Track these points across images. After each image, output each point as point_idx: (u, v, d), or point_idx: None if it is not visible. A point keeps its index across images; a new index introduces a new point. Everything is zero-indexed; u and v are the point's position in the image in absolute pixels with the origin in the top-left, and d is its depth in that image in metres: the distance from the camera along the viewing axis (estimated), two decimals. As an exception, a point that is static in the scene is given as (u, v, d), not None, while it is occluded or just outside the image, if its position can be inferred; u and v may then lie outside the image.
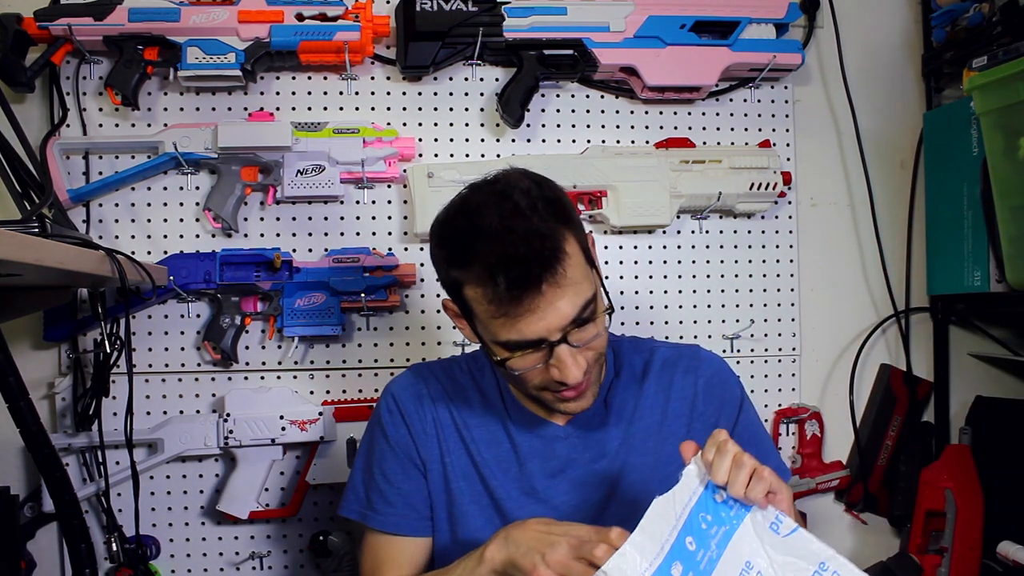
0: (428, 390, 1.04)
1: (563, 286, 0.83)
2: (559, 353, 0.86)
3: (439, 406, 1.03)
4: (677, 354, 1.06)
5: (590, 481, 1.00)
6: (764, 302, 1.56)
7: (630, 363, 1.05)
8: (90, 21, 1.30)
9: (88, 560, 1.08)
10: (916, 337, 1.62)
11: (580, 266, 0.86)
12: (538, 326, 0.84)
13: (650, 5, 1.44)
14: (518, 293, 0.82)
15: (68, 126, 1.37)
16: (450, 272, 0.88)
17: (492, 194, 0.87)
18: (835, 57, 1.59)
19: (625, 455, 1.00)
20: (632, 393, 1.03)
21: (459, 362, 1.09)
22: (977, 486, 1.45)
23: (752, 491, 0.75)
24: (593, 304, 0.87)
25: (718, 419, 1.02)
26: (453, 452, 1.02)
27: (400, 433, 1.02)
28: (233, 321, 1.37)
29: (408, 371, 1.08)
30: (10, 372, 1.00)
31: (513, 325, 0.85)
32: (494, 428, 1.03)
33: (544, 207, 0.85)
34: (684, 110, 1.54)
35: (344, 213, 1.44)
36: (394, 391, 1.05)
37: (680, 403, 1.02)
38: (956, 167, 1.48)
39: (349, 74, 1.43)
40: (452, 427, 1.03)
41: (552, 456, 1.01)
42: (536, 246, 0.82)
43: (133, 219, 1.40)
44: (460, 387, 1.05)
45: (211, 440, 1.36)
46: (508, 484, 1.00)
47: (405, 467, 1.02)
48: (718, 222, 1.55)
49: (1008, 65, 1.26)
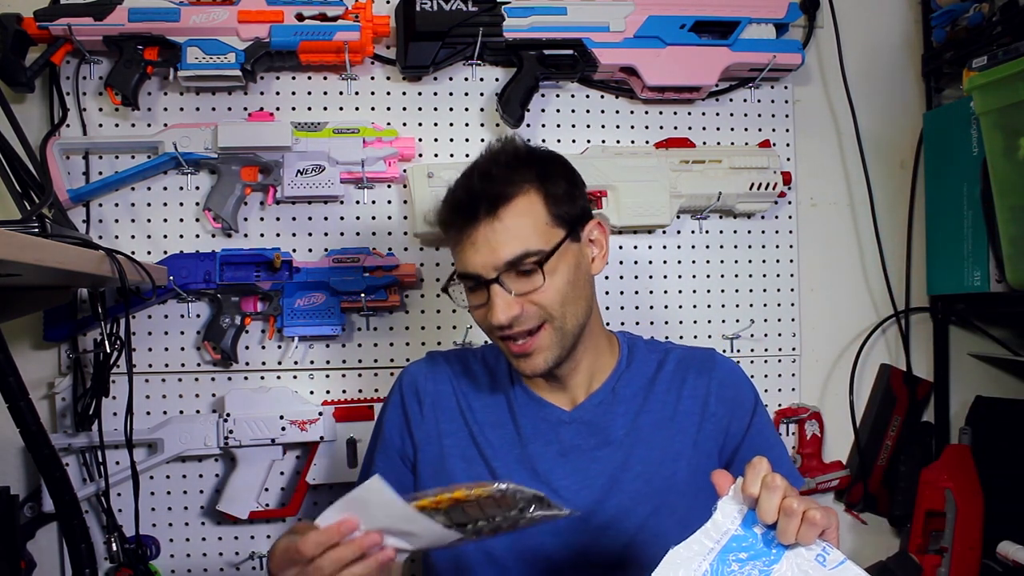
0: (434, 373, 1.09)
1: (498, 228, 0.91)
2: (491, 292, 0.92)
3: (442, 388, 1.07)
4: (691, 356, 1.07)
5: (592, 467, 1.00)
6: (764, 302, 1.56)
7: (643, 359, 1.07)
8: (90, 21, 1.30)
9: (88, 560, 1.08)
10: (916, 337, 1.62)
11: (530, 221, 0.92)
12: (474, 259, 0.92)
13: (650, 5, 1.44)
14: (458, 219, 0.93)
15: (68, 126, 1.37)
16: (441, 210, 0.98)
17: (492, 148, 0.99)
18: (835, 57, 1.59)
19: (631, 444, 1.01)
20: (642, 386, 1.04)
21: (475, 351, 1.13)
22: (977, 486, 1.45)
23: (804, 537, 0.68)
24: (537, 258, 0.91)
25: (730, 421, 1.02)
26: (453, 434, 1.05)
27: (395, 420, 1.08)
28: (233, 321, 1.37)
29: (424, 359, 1.13)
30: (10, 372, 1.00)
31: (458, 253, 0.95)
32: (499, 410, 1.05)
33: (516, 161, 0.95)
34: (684, 110, 1.54)
35: (344, 213, 1.44)
36: (402, 379, 1.10)
37: (692, 401, 1.03)
38: (956, 167, 1.48)
39: (349, 74, 1.43)
40: (455, 409, 1.06)
41: (555, 439, 1.02)
42: (486, 185, 0.92)
43: (133, 219, 1.40)
44: (470, 371, 1.09)
45: (211, 440, 1.36)
46: (510, 466, 1.01)
47: (392, 462, 1.07)
48: (718, 222, 1.54)
49: (1008, 65, 1.26)
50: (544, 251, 0.92)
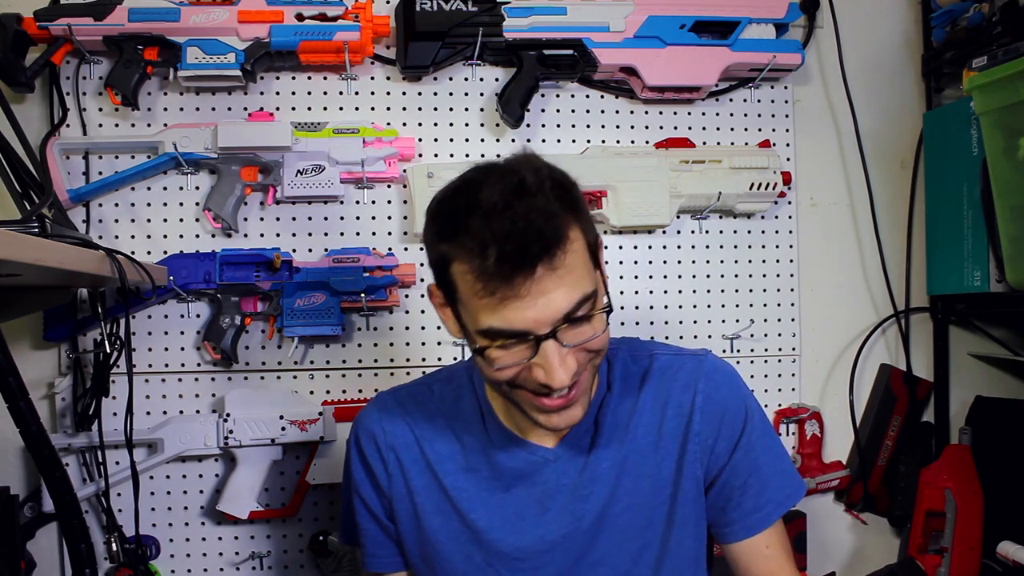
0: (390, 427, 0.97)
1: (560, 274, 0.75)
2: (545, 350, 0.77)
3: (402, 438, 0.97)
4: (679, 364, 0.96)
5: (580, 506, 0.92)
6: (764, 302, 1.56)
7: (625, 374, 0.96)
8: (90, 21, 1.30)
9: (88, 560, 1.08)
10: (916, 337, 1.62)
11: (583, 259, 0.78)
12: (526, 315, 0.75)
13: (650, 5, 1.44)
14: (509, 270, 0.73)
15: (68, 126, 1.37)
16: (439, 246, 0.79)
17: (497, 170, 0.79)
18: (835, 57, 1.59)
19: (617, 476, 0.93)
20: (626, 410, 0.94)
21: (426, 385, 1.01)
22: (977, 486, 1.45)
23: None
24: (592, 301, 0.79)
25: (716, 441, 0.93)
26: (423, 488, 0.95)
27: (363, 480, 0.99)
28: (233, 321, 1.37)
29: (372, 405, 1.01)
30: (10, 372, 1.00)
31: (498, 309, 0.75)
32: (471, 453, 0.95)
33: (553, 188, 0.77)
34: (684, 110, 1.54)
35: (344, 213, 1.44)
36: (358, 432, 1.00)
37: (676, 421, 0.93)
38: (956, 167, 1.48)
39: (349, 74, 1.43)
40: (420, 460, 0.96)
41: (539, 481, 0.93)
42: (537, 223, 0.73)
43: (133, 219, 1.40)
44: (428, 412, 0.97)
45: (211, 440, 1.36)
46: (491, 513, 0.93)
47: (375, 517, 1.00)
48: (718, 222, 1.55)
49: (1008, 65, 1.26)
50: (595, 291, 0.80)
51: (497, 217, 0.74)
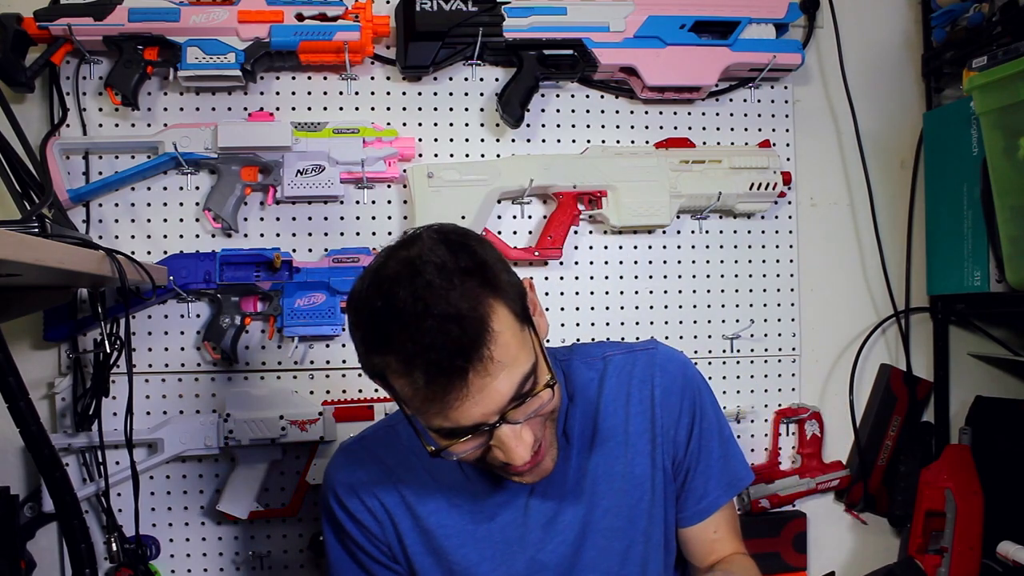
0: (366, 476, 0.97)
1: (495, 367, 0.74)
2: (500, 436, 0.79)
3: (381, 490, 0.96)
4: (632, 360, 0.99)
5: (562, 520, 0.95)
6: (764, 302, 1.56)
7: (583, 383, 0.98)
8: (90, 21, 1.30)
9: (88, 560, 1.08)
10: (916, 337, 1.62)
11: (513, 339, 0.77)
12: (472, 412, 0.76)
13: (650, 5, 1.44)
14: (441, 387, 0.74)
15: (68, 126, 1.37)
16: (371, 357, 0.80)
17: (405, 265, 0.77)
18: (835, 57, 1.59)
19: (593, 483, 0.95)
20: (589, 417, 0.96)
21: (395, 425, 1.00)
22: (977, 486, 1.45)
23: None
24: (534, 376, 0.79)
25: (676, 429, 0.97)
26: (409, 532, 0.96)
27: (357, 534, 0.97)
28: (233, 321, 1.37)
29: (340, 457, 1.00)
30: (10, 372, 1.00)
31: (444, 413, 0.76)
32: (451, 490, 0.95)
33: (461, 280, 0.75)
34: (684, 110, 1.54)
35: (344, 213, 1.44)
36: (335, 488, 0.98)
37: (640, 418, 0.96)
38: (956, 167, 1.48)
39: (349, 74, 1.43)
40: (402, 507, 0.96)
41: (520, 504, 0.95)
42: (454, 333, 0.73)
43: (133, 219, 1.40)
44: (403, 456, 0.97)
45: (211, 440, 1.36)
46: (480, 547, 0.94)
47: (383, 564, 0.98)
48: (718, 222, 1.55)
49: (1008, 65, 1.26)
50: (534, 364, 0.79)
51: (414, 329, 0.73)
